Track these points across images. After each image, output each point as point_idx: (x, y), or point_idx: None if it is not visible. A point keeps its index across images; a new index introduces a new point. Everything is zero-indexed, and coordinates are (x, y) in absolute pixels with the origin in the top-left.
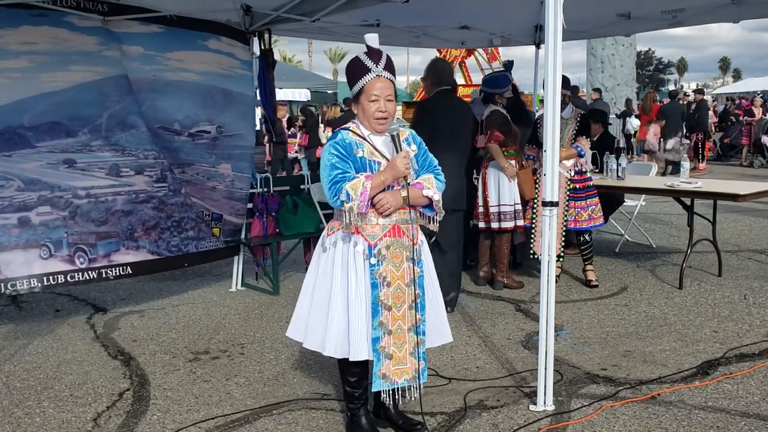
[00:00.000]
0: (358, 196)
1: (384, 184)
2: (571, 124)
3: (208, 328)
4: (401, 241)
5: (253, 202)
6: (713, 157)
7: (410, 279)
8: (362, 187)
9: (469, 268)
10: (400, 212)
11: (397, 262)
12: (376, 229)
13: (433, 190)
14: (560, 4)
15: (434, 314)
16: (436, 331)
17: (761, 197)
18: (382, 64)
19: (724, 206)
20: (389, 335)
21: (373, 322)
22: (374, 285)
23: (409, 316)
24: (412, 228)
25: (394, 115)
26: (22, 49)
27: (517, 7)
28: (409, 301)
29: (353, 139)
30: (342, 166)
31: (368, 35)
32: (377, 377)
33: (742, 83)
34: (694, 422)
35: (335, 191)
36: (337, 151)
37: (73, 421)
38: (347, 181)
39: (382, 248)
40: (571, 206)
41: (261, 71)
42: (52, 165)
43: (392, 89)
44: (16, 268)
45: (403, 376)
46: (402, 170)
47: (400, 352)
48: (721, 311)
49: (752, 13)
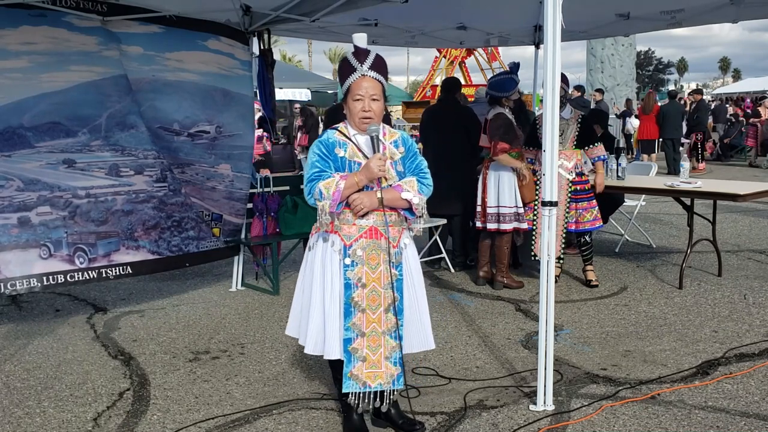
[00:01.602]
0: (330, 195)
1: (358, 184)
2: (573, 125)
3: (208, 328)
4: (378, 243)
5: (253, 202)
6: (713, 157)
7: (387, 282)
8: (335, 186)
9: (469, 268)
10: (377, 214)
11: (374, 264)
12: (352, 230)
13: (413, 193)
14: (559, 4)
15: (416, 320)
16: (416, 337)
17: (761, 197)
18: (368, 64)
19: (724, 206)
20: (363, 337)
21: (346, 322)
22: (347, 285)
23: (385, 319)
24: (389, 230)
25: (381, 115)
26: (22, 49)
27: (515, 7)
28: (386, 304)
29: (337, 139)
30: (321, 165)
31: (356, 35)
32: (347, 378)
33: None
34: (693, 422)
35: (309, 189)
36: (320, 150)
37: (73, 420)
38: (322, 179)
39: (357, 249)
40: (572, 207)
41: (260, 71)
42: (52, 165)
43: (378, 89)
44: (15, 268)
45: (377, 380)
46: (376, 172)
47: (374, 355)
48: (721, 311)
49: (751, 14)
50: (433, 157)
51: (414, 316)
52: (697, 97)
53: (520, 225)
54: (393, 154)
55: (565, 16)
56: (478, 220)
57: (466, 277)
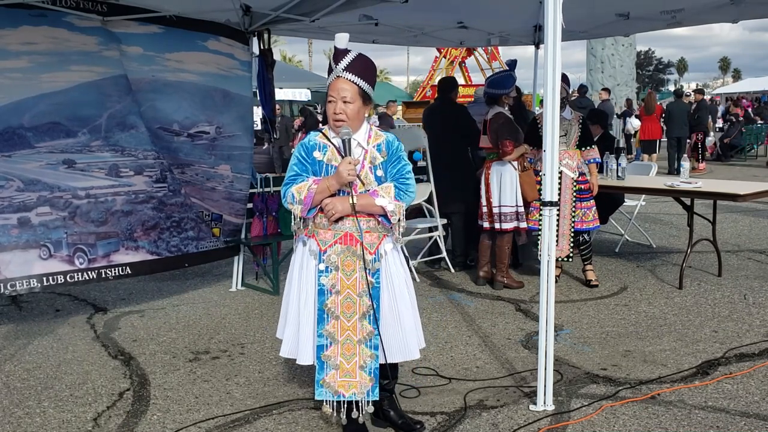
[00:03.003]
0: (301, 200)
1: (329, 189)
2: (575, 125)
3: (208, 328)
4: (353, 249)
5: (253, 202)
6: (713, 157)
7: (363, 289)
8: (307, 191)
9: (469, 268)
10: (351, 220)
11: (348, 270)
12: (328, 235)
13: (389, 199)
14: (560, 4)
15: (396, 328)
16: (397, 346)
17: (761, 197)
18: (343, 65)
19: (724, 206)
20: (336, 345)
21: (318, 329)
22: (321, 291)
23: (360, 327)
24: (363, 236)
25: (357, 118)
26: (22, 49)
27: (515, 6)
28: (361, 312)
29: (318, 141)
30: (297, 169)
31: (338, 35)
32: (320, 385)
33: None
34: (693, 422)
35: (284, 192)
36: (299, 154)
37: (73, 421)
38: (296, 183)
39: (332, 255)
40: (578, 207)
41: (260, 71)
42: (52, 165)
43: (353, 91)
44: (15, 269)
45: (350, 389)
46: (345, 176)
47: (348, 363)
48: (721, 311)
49: (751, 14)
50: (432, 157)
51: (394, 324)
52: (698, 97)
53: (520, 224)
54: (374, 158)
55: (565, 16)
56: (485, 221)
57: (466, 277)
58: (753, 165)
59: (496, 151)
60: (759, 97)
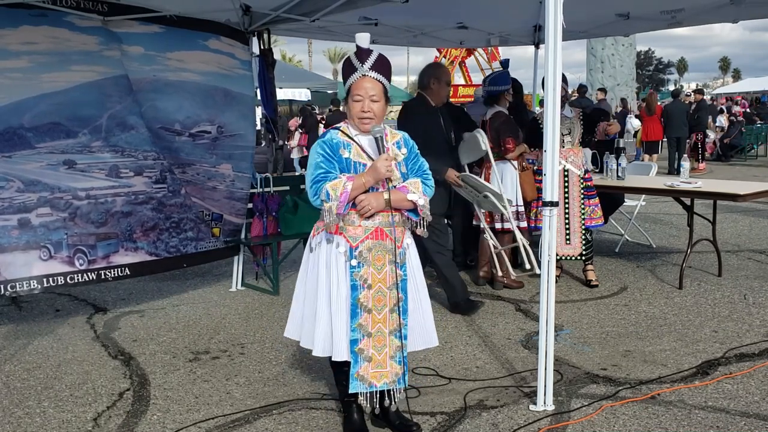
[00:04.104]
0: (337, 197)
1: (365, 186)
2: (577, 123)
3: (208, 328)
4: (384, 243)
5: (253, 202)
6: (713, 157)
7: (392, 282)
8: (342, 187)
9: (469, 268)
10: (383, 215)
11: (379, 264)
12: (358, 231)
13: (419, 194)
14: (560, 4)
15: (420, 318)
16: (420, 335)
17: (761, 197)
18: (369, 64)
19: (724, 206)
20: (369, 337)
21: (352, 323)
22: (354, 287)
23: (390, 319)
24: (394, 231)
25: (382, 116)
26: (23, 49)
27: (515, 7)
28: (391, 304)
29: (341, 139)
30: (326, 166)
31: (359, 35)
32: (354, 379)
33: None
34: (693, 422)
35: (316, 190)
36: (323, 151)
37: (73, 421)
38: (328, 180)
39: (363, 250)
40: (586, 204)
41: (261, 71)
42: (52, 166)
43: (378, 89)
44: (15, 270)
45: (382, 380)
46: (383, 173)
47: (380, 355)
48: (721, 311)
49: (751, 14)
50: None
51: (417, 314)
52: (697, 97)
53: (520, 224)
54: (396, 155)
55: (565, 16)
56: (483, 221)
57: (466, 277)
58: (753, 165)
59: (496, 151)
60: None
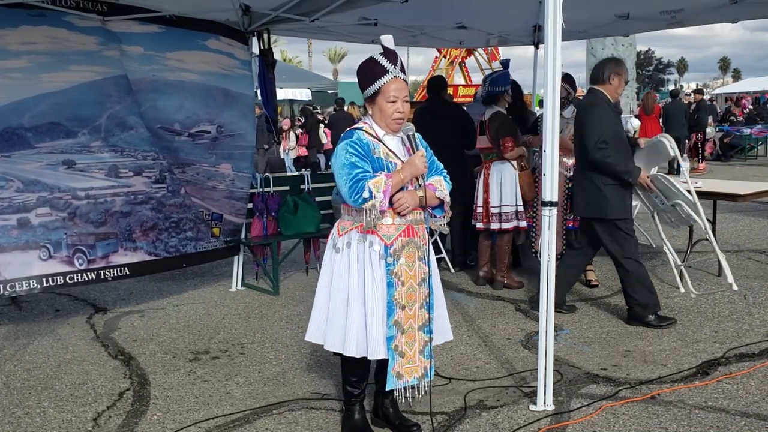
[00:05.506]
0: (380, 194)
1: (403, 182)
2: (571, 123)
3: (208, 328)
4: (414, 240)
5: (253, 202)
6: (713, 157)
7: (421, 278)
8: (384, 185)
9: (469, 268)
10: (414, 212)
11: (411, 261)
12: (391, 229)
13: (445, 192)
14: (560, 4)
15: (441, 312)
16: (439, 330)
17: (761, 197)
18: (399, 66)
19: (724, 206)
20: (402, 334)
21: (389, 320)
22: (390, 284)
23: (419, 314)
24: (423, 228)
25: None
26: (22, 49)
27: (515, 7)
28: (420, 300)
29: (369, 140)
30: (362, 165)
31: (384, 36)
32: (392, 376)
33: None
34: (693, 422)
35: (357, 189)
36: (356, 151)
37: (73, 421)
38: (369, 179)
39: (397, 248)
40: (569, 205)
41: (261, 71)
42: (52, 166)
43: (407, 90)
44: (15, 270)
45: (413, 374)
46: (421, 168)
47: (410, 350)
48: (721, 311)
49: (751, 14)
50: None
51: (440, 309)
52: (697, 97)
53: (520, 223)
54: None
55: (565, 16)
56: (479, 222)
57: (466, 277)
58: (753, 165)
59: (495, 151)
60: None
